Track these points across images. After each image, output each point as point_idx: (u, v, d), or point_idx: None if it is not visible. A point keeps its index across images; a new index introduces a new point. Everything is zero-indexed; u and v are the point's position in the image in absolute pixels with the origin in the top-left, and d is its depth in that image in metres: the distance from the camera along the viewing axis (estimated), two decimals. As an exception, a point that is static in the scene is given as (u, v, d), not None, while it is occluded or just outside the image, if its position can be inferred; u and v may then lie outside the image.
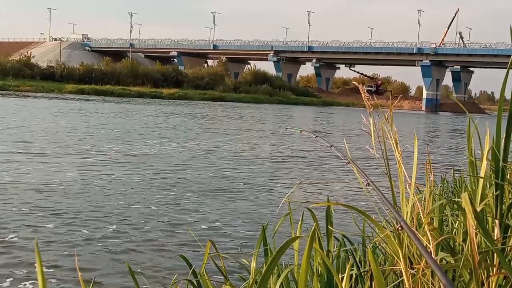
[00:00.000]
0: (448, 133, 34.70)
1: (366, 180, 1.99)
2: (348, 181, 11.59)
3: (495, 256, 1.61)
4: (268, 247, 2.28)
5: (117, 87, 70.99)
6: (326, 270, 1.96)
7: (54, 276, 5.23)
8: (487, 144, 1.92)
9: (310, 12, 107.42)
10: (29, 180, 9.85)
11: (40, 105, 37.40)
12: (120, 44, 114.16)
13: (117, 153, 14.34)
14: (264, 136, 21.31)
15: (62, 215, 7.55)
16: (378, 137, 2.01)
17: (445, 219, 2.28)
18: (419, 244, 1.36)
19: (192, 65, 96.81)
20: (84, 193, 9.12)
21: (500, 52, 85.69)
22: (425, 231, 1.67)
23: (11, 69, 72.03)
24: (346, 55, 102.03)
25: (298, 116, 45.45)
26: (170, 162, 13.22)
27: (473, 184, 2.38)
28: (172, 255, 5.98)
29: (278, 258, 1.38)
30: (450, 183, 4.82)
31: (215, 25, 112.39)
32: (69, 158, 13.10)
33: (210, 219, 7.79)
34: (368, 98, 2.03)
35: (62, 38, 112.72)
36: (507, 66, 1.68)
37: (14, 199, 8.30)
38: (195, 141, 18.56)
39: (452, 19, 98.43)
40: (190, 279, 2.25)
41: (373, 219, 1.78)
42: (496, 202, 1.72)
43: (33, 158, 12.70)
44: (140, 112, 36.42)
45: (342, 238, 2.52)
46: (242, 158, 14.96)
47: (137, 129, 22.56)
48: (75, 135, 18.77)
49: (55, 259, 5.70)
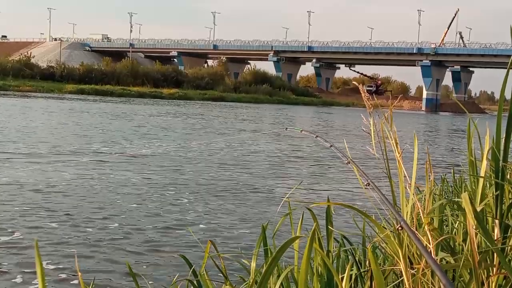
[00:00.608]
0: (448, 133, 34.70)
1: (366, 180, 1.99)
2: (349, 181, 11.59)
3: (495, 256, 1.61)
4: (268, 247, 2.28)
5: (117, 87, 71.00)
6: (326, 270, 1.96)
7: (54, 276, 5.23)
8: (487, 144, 1.92)
9: (310, 12, 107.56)
10: (25, 180, 9.84)
11: (37, 105, 37.39)
12: (120, 44, 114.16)
13: (116, 154, 14.34)
14: (264, 136, 21.31)
15: (61, 215, 7.54)
16: (378, 137, 2.01)
17: (445, 219, 2.28)
18: (419, 244, 1.36)
19: (192, 65, 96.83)
20: (84, 193, 9.11)
21: (500, 52, 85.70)
22: (425, 231, 1.67)
23: (11, 69, 72.02)
24: (346, 55, 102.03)
25: (298, 116, 45.45)
26: (170, 163, 13.22)
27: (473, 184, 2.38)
28: (172, 255, 5.98)
29: (278, 258, 1.38)
30: (450, 183, 4.82)
31: (215, 25, 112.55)
32: (69, 158, 13.10)
33: (210, 219, 7.78)
34: (368, 98, 2.03)
35: (79, 39, 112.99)
36: (507, 66, 1.68)
37: (14, 199, 8.30)
38: (195, 142, 18.56)
39: (452, 19, 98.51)
40: (190, 279, 2.25)
41: (373, 219, 1.78)
42: (496, 202, 1.72)
43: (22, 159, 12.70)
44: (140, 112, 36.41)
45: (342, 238, 2.52)
46: (242, 158, 14.95)
47: (136, 130, 22.55)
48: (75, 135, 18.77)
49: (55, 259, 5.69)
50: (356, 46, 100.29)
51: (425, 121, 51.25)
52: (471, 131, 2.02)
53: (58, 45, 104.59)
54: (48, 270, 5.35)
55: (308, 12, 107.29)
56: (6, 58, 77.85)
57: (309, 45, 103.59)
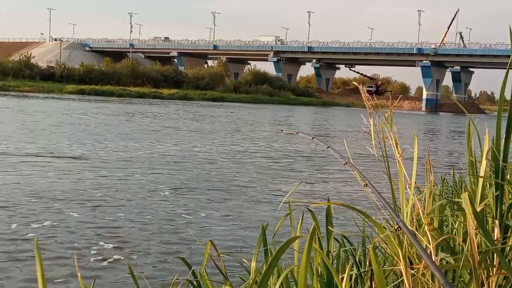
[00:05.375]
0: (448, 133, 34.70)
1: (364, 180, 1.99)
2: (348, 181, 11.59)
3: (495, 256, 1.61)
4: (268, 247, 2.28)
5: (117, 88, 70.98)
6: (326, 271, 1.96)
7: (54, 276, 5.23)
8: (486, 144, 1.92)
9: (310, 12, 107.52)
10: (21, 181, 9.85)
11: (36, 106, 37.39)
12: (120, 45, 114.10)
13: (115, 154, 14.34)
14: (264, 137, 21.31)
15: (61, 215, 7.55)
16: (378, 138, 2.01)
17: (445, 219, 2.28)
18: (416, 244, 1.36)
19: (192, 66, 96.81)
20: (83, 193, 9.12)
21: (500, 52, 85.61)
22: (425, 232, 1.67)
23: (11, 70, 71.96)
24: (346, 55, 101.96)
25: (298, 117, 45.44)
26: (170, 163, 13.22)
27: (473, 184, 2.38)
28: (172, 256, 5.98)
29: (278, 258, 1.38)
30: (450, 183, 4.82)
31: (215, 25, 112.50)
32: (70, 158, 13.10)
33: (210, 219, 7.79)
34: (368, 98, 2.03)
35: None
36: (507, 66, 1.68)
37: (13, 199, 8.30)
38: (194, 142, 18.56)
39: (452, 19, 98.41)
40: (190, 280, 2.25)
41: (373, 219, 1.78)
42: (496, 202, 1.72)
43: (14, 159, 12.71)
44: (140, 112, 36.40)
45: (342, 238, 2.52)
46: (240, 159, 14.95)
47: (136, 130, 22.55)
48: (74, 135, 18.77)
49: (55, 260, 5.69)
50: (356, 46, 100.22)
51: (425, 121, 51.25)
52: (470, 131, 2.02)
53: (58, 45, 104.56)
54: (48, 270, 5.34)
55: (308, 12, 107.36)
56: (6, 58, 77.80)
57: (309, 45, 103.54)
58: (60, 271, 5.36)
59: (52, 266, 5.48)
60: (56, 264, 5.56)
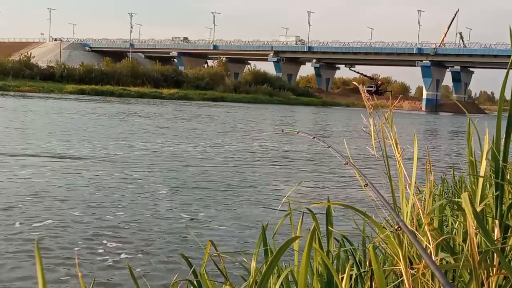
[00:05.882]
0: (448, 133, 34.69)
1: (364, 180, 1.99)
2: (349, 181, 11.58)
3: (495, 256, 1.61)
4: (268, 247, 2.28)
5: (117, 88, 70.98)
6: (326, 270, 1.96)
7: (54, 276, 5.23)
8: (486, 144, 1.92)
9: (310, 12, 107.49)
10: (21, 181, 9.85)
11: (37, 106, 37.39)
12: (120, 45, 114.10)
13: (114, 154, 14.34)
14: (264, 137, 21.31)
15: (59, 216, 7.55)
16: (378, 138, 2.01)
17: (445, 219, 2.28)
18: (417, 244, 1.36)
19: (192, 66, 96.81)
20: (83, 193, 9.12)
21: (500, 52, 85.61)
22: (425, 231, 1.67)
23: (11, 69, 71.97)
24: (346, 55, 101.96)
25: (298, 117, 45.44)
26: (170, 163, 13.22)
27: (473, 184, 2.38)
28: (172, 255, 5.98)
29: (278, 258, 1.38)
30: (450, 183, 4.82)
31: (215, 25, 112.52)
32: (71, 158, 13.10)
33: (210, 219, 7.78)
34: (368, 98, 2.03)
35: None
36: (507, 66, 1.68)
37: (13, 199, 8.30)
38: (194, 142, 18.56)
39: (452, 19, 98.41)
40: (190, 279, 2.25)
41: (373, 219, 1.78)
42: (496, 202, 1.72)
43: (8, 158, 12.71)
44: (140, 113, 36.40)
45: (342, 238, 2.52)
46: (240, 158, 14.95)
47: (135, 130, 22.55)
48: (74, 135, 18.77)
49: (55, 260, 5.69)
50: (356, 46, 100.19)
51: (425, 121, 51.24)
52: (470, 131, 2.02)
53: (58, 45, 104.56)
54: (48, 270, 5.34)
55: (308, 12, 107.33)
56: (6, 58, 77.80)
57: (309, 45, 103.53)
58: (60, 271, 5.36)
59: (52, 266, 5.48)
60: (56, 264, 5.56)
